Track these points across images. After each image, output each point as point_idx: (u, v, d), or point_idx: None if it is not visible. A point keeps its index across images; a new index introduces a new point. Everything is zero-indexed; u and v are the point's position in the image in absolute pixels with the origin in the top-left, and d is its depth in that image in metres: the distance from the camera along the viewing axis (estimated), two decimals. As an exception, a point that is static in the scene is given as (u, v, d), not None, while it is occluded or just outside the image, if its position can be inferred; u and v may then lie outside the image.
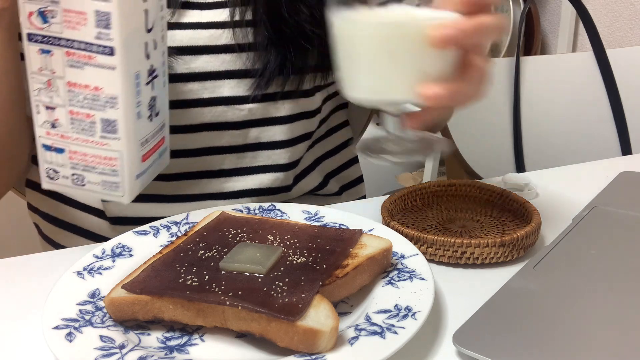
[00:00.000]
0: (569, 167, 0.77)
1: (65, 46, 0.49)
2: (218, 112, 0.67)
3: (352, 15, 0.51)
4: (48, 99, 0.51)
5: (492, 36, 0.50)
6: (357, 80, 0.53)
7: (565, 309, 0.46)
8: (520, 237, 0.54)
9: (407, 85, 0.51)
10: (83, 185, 0.54)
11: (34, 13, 0.48)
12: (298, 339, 0.40)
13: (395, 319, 0.42)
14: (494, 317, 0.45)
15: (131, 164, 0.52)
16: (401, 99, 0.52)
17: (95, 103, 0.50)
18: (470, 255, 0.54)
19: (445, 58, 0.51)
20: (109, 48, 0.48)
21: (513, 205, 0.62)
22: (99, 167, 0.53)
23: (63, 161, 0.53)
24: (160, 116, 0.57)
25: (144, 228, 0.56)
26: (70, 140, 0.52)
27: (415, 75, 0.50)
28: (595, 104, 1.14)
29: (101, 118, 0.50)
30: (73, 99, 0.50)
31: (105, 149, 0.52)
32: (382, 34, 0.50)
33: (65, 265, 0.51)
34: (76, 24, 0.48)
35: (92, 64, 0.49)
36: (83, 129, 0.51)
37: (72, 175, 0.54)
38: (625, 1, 1.75)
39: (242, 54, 0.67)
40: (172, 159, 0.69)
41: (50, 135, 0.52)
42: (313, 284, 0.43)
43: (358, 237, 0.50)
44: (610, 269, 0.51)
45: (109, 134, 0.51)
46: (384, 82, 0.52)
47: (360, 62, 0.52)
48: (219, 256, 0.48)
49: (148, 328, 0.45)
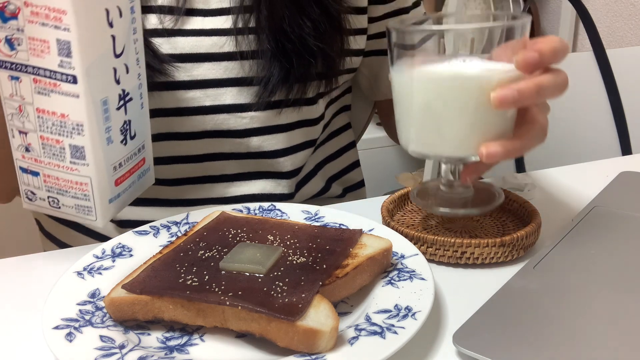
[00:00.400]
0: (569, 167, 0.77)
1: (32, 73, 0.49)
2: (220, 120, 0.67)
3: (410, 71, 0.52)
4: (20, 124, 0.51)
5: (553, 96, 0.50)
6: (413, 134, 0.55)
7: (565, 309, 0.46)
8: (520, 237, 0.54)
9: (464, 143, 0.52)
10: (58, 208, 0.54)
11: (2, 40, 0.49)
12: (298, 339, 0.40)
13: (395, 319, 0.42)
14: (494, 317, 0.45)
15: (102, 189, 0.53)
16: (458, 155, 0.53)
17: (63, 129, 0.50)
18: (470, 255, 0.54)
19: (504, 116, 0.52)
20: (71, 76, 0.48)
21: (513, 205, 0.62)
22: (71, 192, 0.53)
23: (38, 184, 0.54)
24: (137, 139, 0.57)
25: (144, 228, 0.56)
26: (43, 164, 0.52)
27: (474, 132, 0.52)
28: (595, 104, 1.14)
29: (69, 144, 0.51)
30: (42, 125, 0.51)
31: (75, 174, 0.52)
32: (441, 91, 0.51)
33: (65, 265, 0.51)
34: (40, 52, 0.48)
35: (57, 91, 0.49)
36: (54, 154, 0.51)
37: (48, 197, 0.54)
38: (625, 1, 1.75)
39: (244, 62, 0.66)
40: (175, 164, 0.69)
41: (25, 159, 0.53)
42: (313, 284, 0.43)
43: (358, 237, 0.50)
44: (610, 269, 0.51)
45: (78, 160, 0.51)
46: (441, 137, 0.53)
47: (418, 117, 0.54)
48: (219, 256, 0.48)
49: (148, 328, 0.45)
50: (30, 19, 0.47)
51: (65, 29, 0.47)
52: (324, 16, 0.66)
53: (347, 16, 0.70)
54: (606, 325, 0.44)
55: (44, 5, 0.47)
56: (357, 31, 0.73)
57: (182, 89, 0.65)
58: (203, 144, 0.68)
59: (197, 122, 0.67)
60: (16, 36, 0.48)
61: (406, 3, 0.78)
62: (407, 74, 0.52)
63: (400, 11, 0.78)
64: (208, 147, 0.68)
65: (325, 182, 0.80)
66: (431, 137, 0.53)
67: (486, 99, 0.49)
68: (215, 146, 0.68)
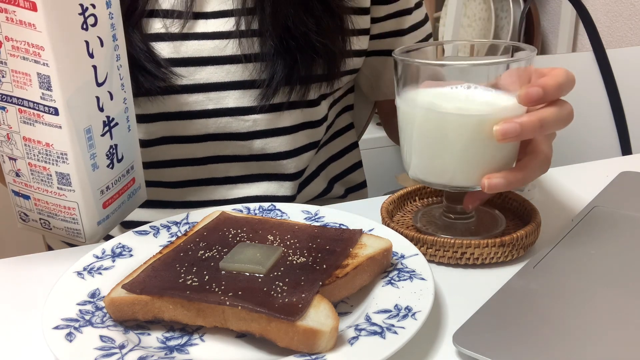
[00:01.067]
0: (569, 167, 0.77)
1: (17, 104, 0.50)
2: (223, 123, 0.67)
3: (414, 100, 0.54)
4: (9, 151, 0.53)
5: (556, 129, 0.51)
6: (415, 161, 0.56)
7: (565, 309, 0.46)
8: (520, 236, 0.54)
9: (466, 173, 0.54)
10: (50, 230, 0.56)
11: None
12: (298, 339, 0.40)
13: (395, 319, 0.42)
14: (494, 317, 0.45)
15: (89, 212, 0.54)
16: (460, 185, 0.54)
17: (49, 157, 0.51)
18: (470, 256, 0.54)
19: (506, 148, 0.53)
20: (53, 108, 0.49)
21: (513, 205, 0.62)
22: (61, 215, 0.54)
23: (30, 206, 0.55)
24: (124, 161, 0.57)
25: (144, 228, 0.56)
26: (33, 189, 0.54)
27: (475, 163, 0.53)
28: (595, 104, 1.14)
29: (55, 171, 0.52)
30: (30, 153, 0.52)
31: (63, 199, 0.53)
32: (444, 125, 0.53)
33: (65, 265, 0.51)
34: (23, 84, 0.49)
35: (41, 121, 0.50)
36: (42, 179, 0.53)
37: (40, 219, 0.56)
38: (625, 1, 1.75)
39: (247, 65, 0.66)
40: (178, 167, 0.69)
41: (16, 183, 0.54)
42: (313, 284, 0.43)
43: (358, 237, 0.50)
44: (610, 269, 0.51)
45: (64, 186, 0.52)
46: (442, 167, 0.55)
47: (420, 146, 0.55)
48: (219, 256, 0.48)
49: (148, 328, 0.45)
50: (12, 52, 0.48)
51: (44, 64, 0.48)
52: (326, 13, 0.66)
53: (350, 16, 0.70)
54: (606, 325, 0.44)
55: (24, 41, 0.47)
56: (359, 31, 0.73)
57: (184, 92, 0.65)
58: (206, 147, 0.68)
59: (200, 125, 0.66)
60: (0, 68, 0.49)
61: (409, 4, 0.78)
62: (411, 104, 0.54)
63: (403, 12, 0.77)
64: (211, 150, 0.68)
65: (327, 183, 0.80)
66: (432, 165, 0.55)
67: (488, 133, 0.51)
68: (218, 149, 0.68)
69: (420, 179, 0.56)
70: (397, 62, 0.54)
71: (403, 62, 0.53)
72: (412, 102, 0.54)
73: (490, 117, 0.51)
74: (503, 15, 2.09)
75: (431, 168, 0.55)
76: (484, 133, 0.51)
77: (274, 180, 0.71)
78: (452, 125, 0.52)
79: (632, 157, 0.84)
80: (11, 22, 0.47)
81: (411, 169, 0.56)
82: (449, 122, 0.52)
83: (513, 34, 2.02)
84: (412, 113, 0.54)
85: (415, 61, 0.53)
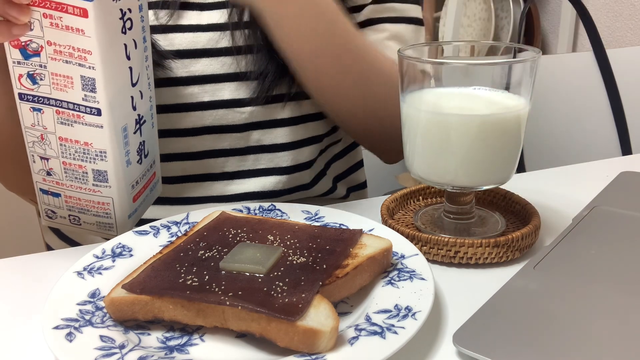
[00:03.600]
0: (569, 167, 0.77)
1: (55, 105, 0.51)
2: (219, 115, 0.67)
3: (418, 100, 0.54)
4: (42, 151, 0.53)
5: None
6: (417, 160, 0.56)
7: (565, 309, 0.46)
8: (516, 238, 0.54)
9: (467, 173, 0.55)
10: (79, 225, 0.57)
11: (24, 75, 0.50)
12: (298, 339, 0.40)
13: (395, 319, 0.42)
14: (494, 317, 0.45)
15: (122, 206, 0.55)
16: (460, 184, 0.56)
17: (86, 156, 0.53)
18: (464, 255, 0.54)
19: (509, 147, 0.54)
20: (95, 109, 0.50)
21: (515, 207, 0.62)
22: (93, 210, 0.56)
23: (60, 204, 0.56)
24: (149, 156, 0.60)
25: (144, 228, 0.56)
26: (65, 187, 0.55)
27: (476, 163, 0.54)
28: (595, 104, 1.14)
29: (92, 169, 0.53)
30: (65, 152, 0.53)
31: (97, 195, 0.54)
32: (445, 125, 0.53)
33: (65, 265, 0.51)
34: (64, 86, 0.50)
35: (80, 122, 0.51)
36: (76, 177, 0.54)
37: (69, 216, 0.57)
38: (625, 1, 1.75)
39: (241, 57, 0.66)
40: (175, 162, 0.69)
41: (46, 182, 0.55)
42: (313, 284, 0.43)
43: (358, 237, 0.50)
44: (610, 269, 0.51)
45: (100, 183, 0.54)
46: (444, 167, 0.55)
47: (422, 145, 0.55)
48: (219, 256, 0.48)
49: (148, 328, 0.45)
50: (54, 56, 0.49)
51: (90, 67, 0.49)
52: None
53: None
54: (606, 325, 0.44)
55: (68, 45, 0.49)
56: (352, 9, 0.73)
57: (180, 85, 0.65)
58: (203, 140, 0.68)
59: (196, 117, 0.67)
60: (39, 72, 0.50)
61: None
62: (415, 104, 0.54)
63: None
64: (207, 143, 0.68)
65: (332, 182, 0.80)
66: (435, 165, 0.55)
67: (491, 133, 0.51)
68: (215, 142, 0.68)
69: (422, 179, 0.56)
70: (403, 59, 0.54)
71: (408, 59, 0.53)
72: (415, 103, 0.54)
73: (493, 117, 0.51)
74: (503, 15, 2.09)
75: (434, 168, 0.55)
76: (487, 133, 0.51)
77: (271, 175, 0.71)
78: (455, 126, 0.52)
79: (632, 157, 0.84)
80: (56, 28, 0.48)
81: (413, 168, 0.57)
82: (452, 123, 0.52)
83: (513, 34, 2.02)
84: (415, 113, 0.54)
85: (421, 60, 0.53)
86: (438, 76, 0.54)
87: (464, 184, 0.54)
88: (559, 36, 1.97)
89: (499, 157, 0.53)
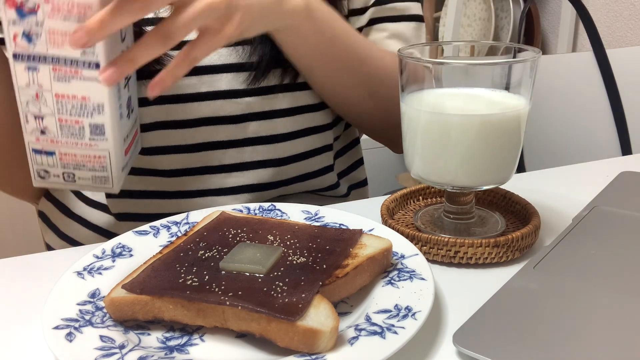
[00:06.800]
0: (569, 167, 0.77)
1: (51, 62, 0.51)
2: (216, 106, 0.67)
3: (418, 100, 0.55)
4: (36, 110, 0.54)
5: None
6: (417, 160, 0.56)
7: (565, 309, 0.46)
8: (515, 238, 0.54)
9: (466, 173, 0.54)
10: (74, 182, 0.57)
11: (19, 35, 0.50)
12: (298, 339, 0.40)
13: (395, 319, 0.42)
14: (494, 317, 0.45)
15: (117, 159, 0.56)
16: (460, 184, 0.56)
17: (83, 110, 0.53)
18: (463, 255, 0.54)
19: (509, 147, 0.54)
20: (94, 63, 0.51)
21: (516, 207, 0.62)
22: (89, 165, 0.56)
23: (53, 162, 0.56)
24: (134, 112, 0.61)
25: (144, 228, 0.56)
26: (60, 144, 0.55)
27: (475, 163, 0.53)
28: (595, 104, 1.14)
29: (89, 123, 0.53)
30: (61, 108, 0.53)
31: (94, 149, 0.55)
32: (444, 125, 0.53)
33: (65, 265, 0.51)
34: (61, 43, 0.50)
35: (78, 77, 0.52)
36: (72, 133, 0.54)
37: (63, 173, 0.57)
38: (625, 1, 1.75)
39: (238, 47, 0.67)
40: (173, 154, 0.69)
41: (40, 141, 0.55)
42: (313, 284, 0.43)
43: (358, 237, 0.50)
44: (610, 269, 0.51)
45: (97, 136, 0.54)
46: (444, 167, 0.55)
47: (422, 145, 0.55)
48: (219, 256, 0.48)
49: (148, 328, 0.45)
50: (51, 14, 0.49)
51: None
52: None
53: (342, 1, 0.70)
54: (606, 325, 0.44)
55: (67, 2, 0.49)
56: (352, 12, 0.73)
57: None
58: (200, 132, 0.68)
59: (193, 108, 0.67)
60: (35, 30, 0.50)
61: None
62: (415, 104, 0.54)
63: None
64: (205, 135, 0.68)
65: (337, 177, 0.80)
66: (435, 165, 0.55)
67: (491, 133, 0.51)
68: (212, 134, 0.69)
69: (422, 178, 0.56)
70: (403, 59, 0.54)
71: (408, 61, 0.53)
72: (415, 103, 0.54)
73: (493, 117, 0.51)
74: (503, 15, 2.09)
75: (434, 168, 0.55)
76: (487, 133, 0.51)
77: (269, 167, 0.71)
78: (455, 126, 0.52)
79: (632, 157, 0.84)
80: None
81: (414, 168, 0.57)
82: (452, 123, 0.52)
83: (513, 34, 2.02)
84: (415, 113, 0.54)
85: (421, 60, 0.53)
86: (438, 76, 0.54)
87: (464, 184, 0.55)
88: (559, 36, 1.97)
89: (498, 157, 0.53)
